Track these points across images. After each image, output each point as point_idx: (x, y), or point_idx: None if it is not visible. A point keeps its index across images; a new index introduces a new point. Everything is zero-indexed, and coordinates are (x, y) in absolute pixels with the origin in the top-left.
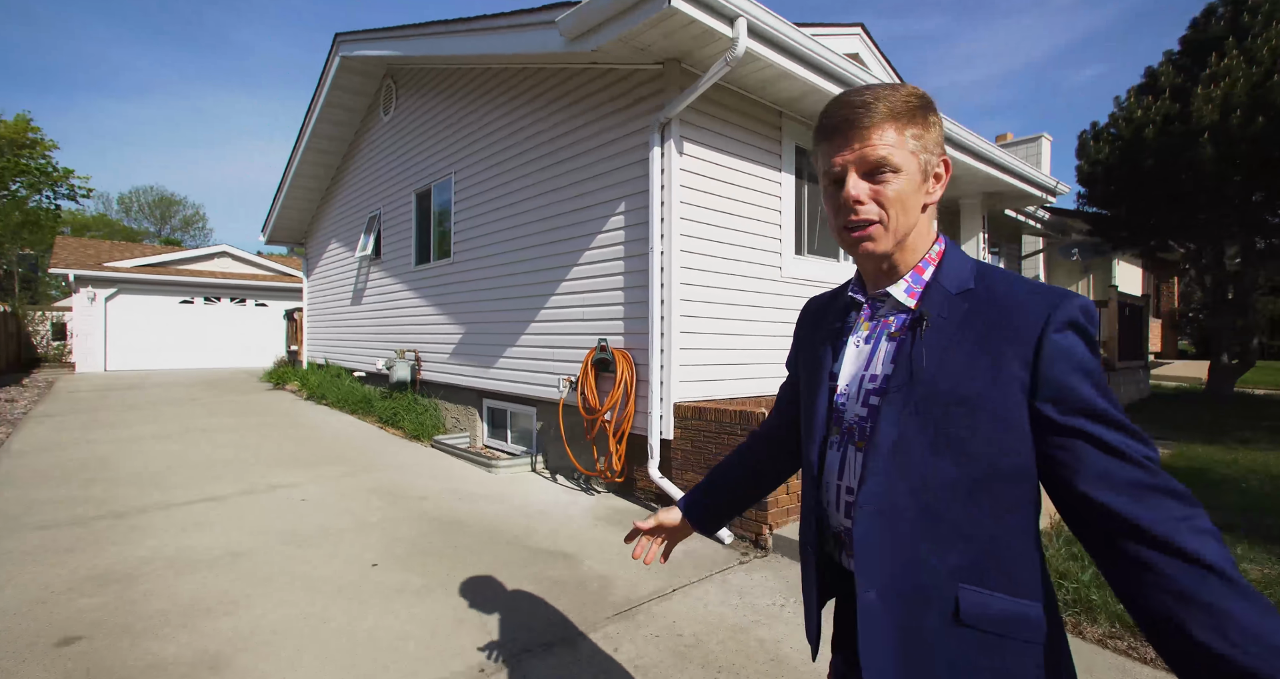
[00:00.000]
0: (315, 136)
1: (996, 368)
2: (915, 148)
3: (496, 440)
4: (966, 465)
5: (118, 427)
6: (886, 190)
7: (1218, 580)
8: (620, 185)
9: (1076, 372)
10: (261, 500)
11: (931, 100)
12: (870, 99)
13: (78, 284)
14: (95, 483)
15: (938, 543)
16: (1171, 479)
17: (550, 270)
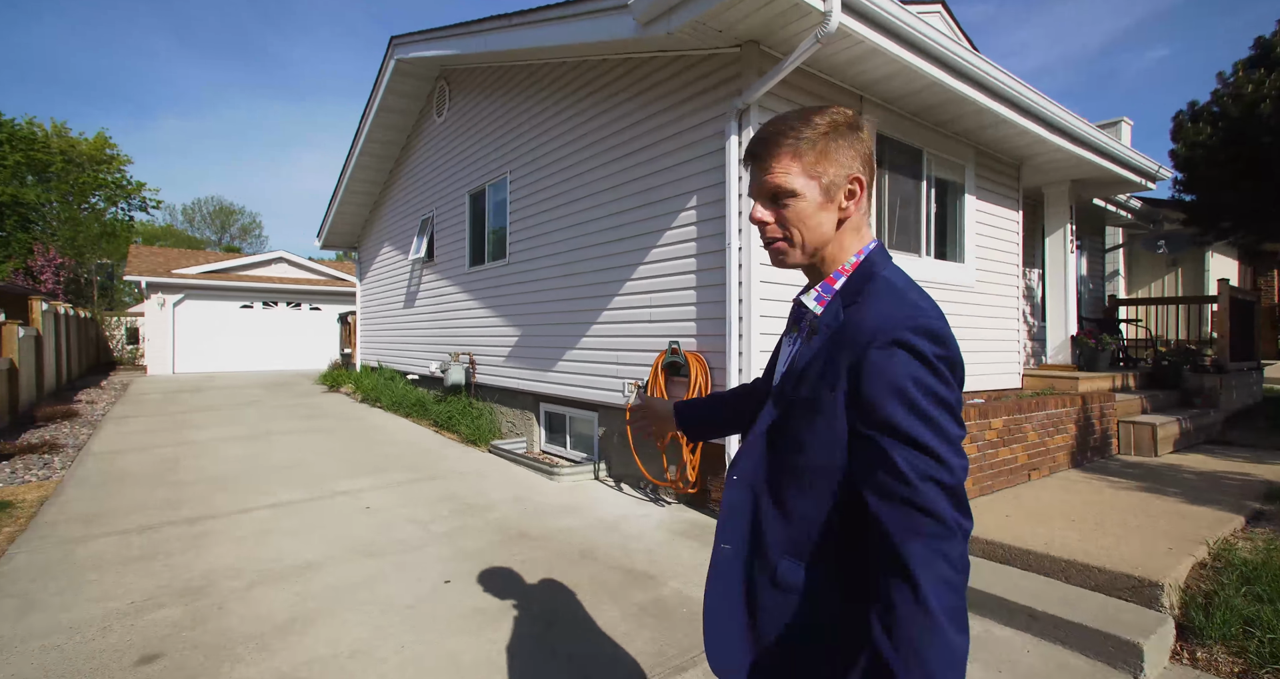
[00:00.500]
0: (369, 141)
1: (834, 378)
2: (810, 171)
3: (554, 446)
4: (803, 459)
5: (186, 428)
6: (787, 213)
7: (906, 593)
8: (692, 179)
9: (885, 388)
10: (326, 507)
11: (842, 123)
12: (773, 131)
13: (149, 290)
14: (167, 486)
15: (774, 519)
16: (938, 502)
17: (613, 270)
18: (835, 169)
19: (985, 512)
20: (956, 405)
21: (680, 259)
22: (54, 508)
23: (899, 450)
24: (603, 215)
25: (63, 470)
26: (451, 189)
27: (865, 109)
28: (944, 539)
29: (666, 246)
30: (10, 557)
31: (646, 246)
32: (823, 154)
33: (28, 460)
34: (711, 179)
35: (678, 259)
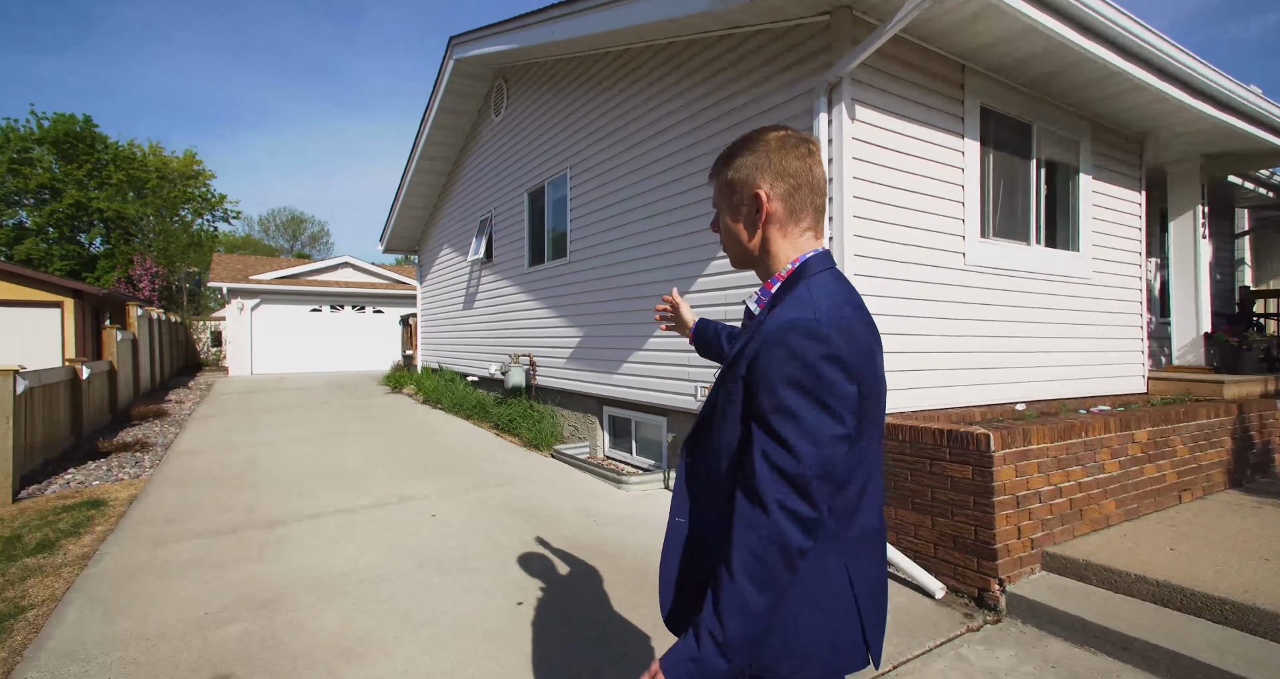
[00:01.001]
0: (429, 144)
1: (737, 374)
2: (725, 191)
3: (619, 451)
4: (720, 443)
5: (261, 429)
6: (721, 227)
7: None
8: None
9: (763, 381)
10: (393, 514)
11: (753, 144)
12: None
13: (229, 296)
14: (243, 487)
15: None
16: (769, 491)
17: (684, 266)
18: (742, 189)
19: (1140, 542)
20: (839, 401)
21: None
22: (141, 507)
23: (761, 441)
24: (671, 207)
25: (151, 469)
26: (509, 188)
27: (967, 80)
28: (758, 520)
29: (713, 278)
30: (100, 557)
31: (709, 258)
32: (731, 179)
33: (122, 458)
34: None
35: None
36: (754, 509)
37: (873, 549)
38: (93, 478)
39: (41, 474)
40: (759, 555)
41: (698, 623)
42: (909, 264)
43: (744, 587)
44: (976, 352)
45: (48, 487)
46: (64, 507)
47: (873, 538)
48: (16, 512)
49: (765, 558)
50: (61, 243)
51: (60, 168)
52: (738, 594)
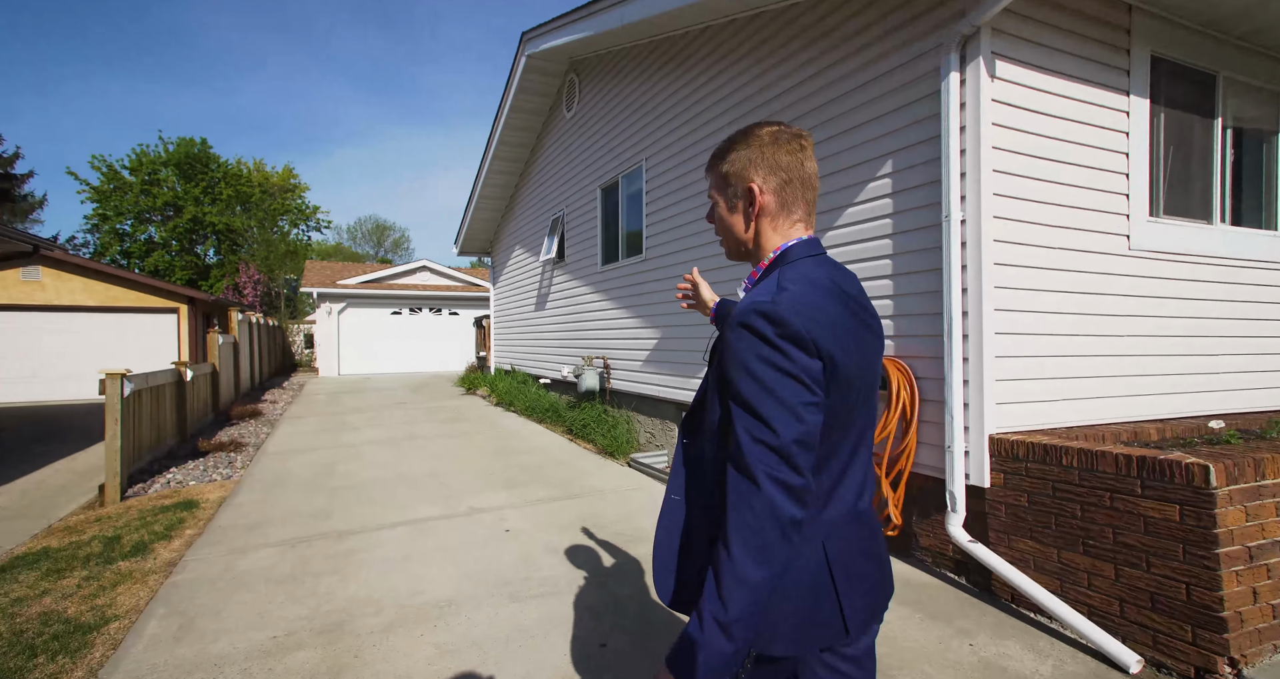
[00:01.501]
0: (501, 144)
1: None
2: (720, 184)
3: None
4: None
5: (344, 430)
6: (716, 219)
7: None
8: (884, 140)
9: (732, 361)
10: (466, 528)
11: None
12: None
13: (319, 300)
14: (322, 491)
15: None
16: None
17: None
18: (736, 182)
19: None
20: (803, 373)
21: (867, 241)
22: (228, 511)
23: (740, 418)
24: None
25: (242, 469)
26: (582, 185)
27: (1134, 23)
28: (750, 494)
29: (849, 227)
30: (184, 565)
31: (821, 229)
32: (726, 172)
33: (218, 458)
34: (916, 135)
35: (863, 242)
36: (745, 483)
37: (854, 531)
38: (190, 478)
39: (149, 472)
40: (755, 529)
41: (700, 607)
42: (1059, 250)
43: (743, 562)
44: (1146, 354)
45: (151, 485)
46: (161, 507)
47: (853, 520)
48: (122, 510)
49: (761, 531)
50: (182, 254)
51: (181, 186)
52: (738, 570)
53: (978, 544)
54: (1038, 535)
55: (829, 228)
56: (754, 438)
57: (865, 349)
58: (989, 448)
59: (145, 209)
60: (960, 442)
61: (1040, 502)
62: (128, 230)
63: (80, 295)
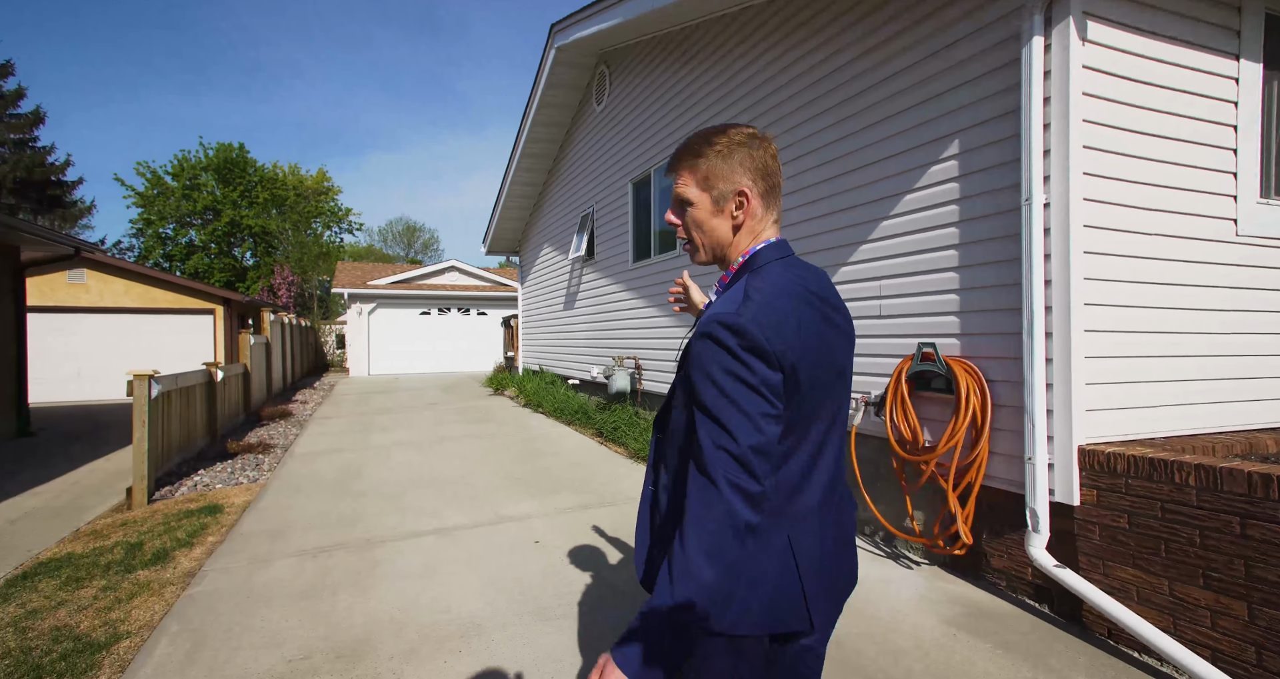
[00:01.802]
0: (529, 141)
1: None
2: (702, 184)
3: None
4: (676, 425)
5: (372, 431)
6: (687, 218)
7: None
8: (949, 118)
9: (697, 370)
10: (492, 538)
11: (737, 141)
12: (682, 149)
13: (350, 301)
14: (347, 496)
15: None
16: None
17: (818, 255)
18: (723, 184)
19: None
20: (762, 385)
21: (926, 231)
22: (251, 517)
23: (703, 423)
24: (800, 187)
25: (269, 471)
26: (613, 180)
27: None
28: (710, 496)
29: (900, 218)
30: (203, 576)
31: (872, 219)
32: (708, 173)
33: (245, 460)
34: (988, 111)
35: (920, 232)
36: (706, 484)
37: (820, 525)
38: (217, 480)
39: (177, 474)
40: (711, 529)
41: (650, 597)
42: (1157, 237)
43: (695, 558)
44: (1257, 354)
45: (179, 488)
46: (186, 512)
47: (816, 514)
48: (148, 513)
49: (717, 532)
50: (220, 257)
51: (220, 191)
52: (690, 565)
53: (1065, 569)
54: (1142, 563)
55: (880, 218)
56: (716, 444)
57: (832, 349)
58: (1078, 460)
59: (186, 213)
60: (1043, 453)
61: (1145, 524)
62: (170, 234)
63: (122, 297)
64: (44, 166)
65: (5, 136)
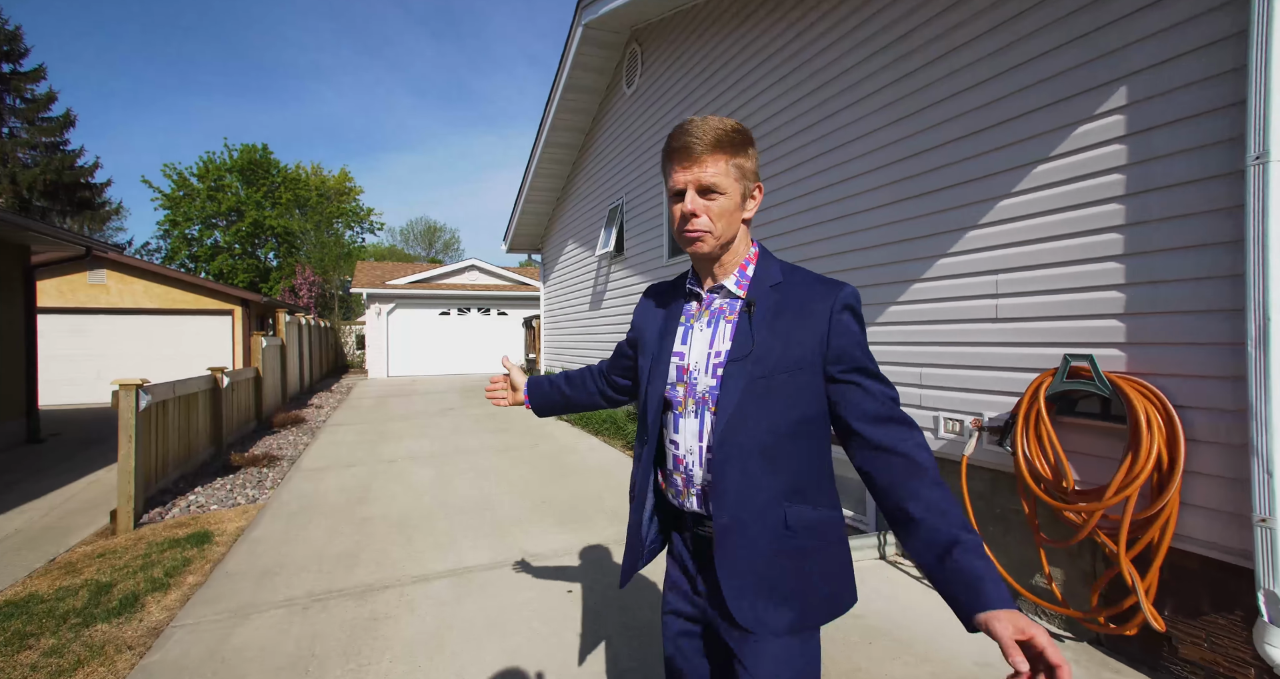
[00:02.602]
0: (553, 130)
1: (805, 340)
2: (737, 175)
3: None
4: (789, 413)
5: (386, 441)
6: (714, 207)
7: (920, 474)
8: (1114, 58)
9: (852, 341)
10: (517, 583)
11: (749, 136)
12: (704, 132)
13: (369, 301)
14: (351, 524)
15: (772, 475)
16: (902, 413)
17: (910, 244)
18: (750, 175)
19: None
20: None
21: (1076, 209)
22: (241, 550)
23: (869, 383)
24: (887, 160)
25: (271, 489)
26: (644, 168)
27: None
28: (919, 437)
29: (1035, 192)
30: (168, 637)
31: (983, 199)
32: (745, 159)
33: (248, 475)
34: (1189, 38)
35: (1067, 210)
36: (912, 429)
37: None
38: (213, 500)
39: (173, 491)
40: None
41: (948, 519)
42: None
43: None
44: None
45: (170, 509)
46: (172, 540)
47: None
48: (131, 541)
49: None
50: (244, 258)
51: (244, 191)
52: (951, 494)
53: None
54: None
55: (996, 197)
56: (892, 397)
57: None
58: None
59: (211, 214)
60: None
61: None
62: (195, 235)
63: (142, 298)
64: (73, 169)
65: (36, 140)
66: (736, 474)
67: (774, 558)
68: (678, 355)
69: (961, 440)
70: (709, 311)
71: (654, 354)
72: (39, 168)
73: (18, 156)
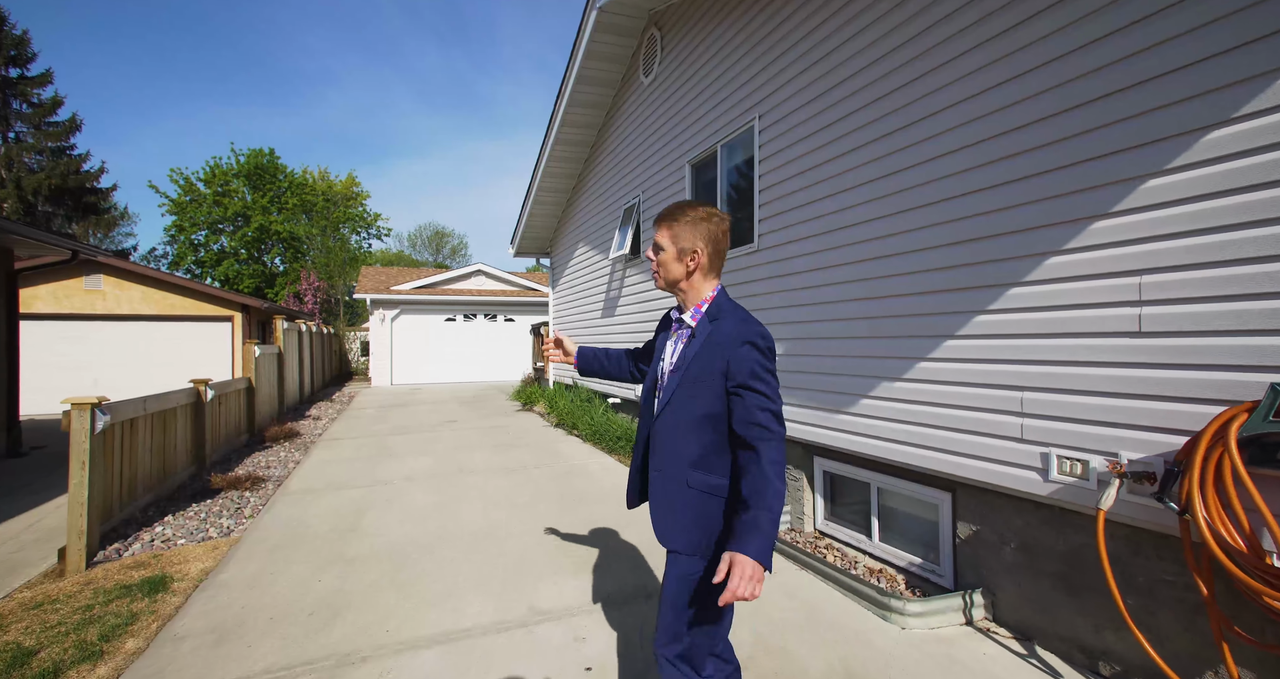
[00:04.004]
0: (564, 126)
1: (717, 361)
2: (675, 241)
3: (840, 525)
4: (701, 409)
5: (383, 458)
6: (659, 258)
7: (756, 462)
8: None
9: (745, 366)
10: (524, 652)
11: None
12: (662, 213)
13: (373, 306)
14: (334, 564)
15: (686, 446)
16: (774, 420)
17: (1001, 240)
18: (685, 243)
19: None
20: (775, 370)
21: (1266, 188)
22: (199, 601)
23: (751, 397)
24: (961, 144)
25: (250, 518)
26: (665, 163)
27: None
28: (775, 438)
29: (1201, 169)
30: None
31: (1117, 179)
32: (680, 232)
33: (226, 501)
34: None
35: (1253, 189)
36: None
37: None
38: (181, 533)
39: (138, 522)
40: (780, 460)
41: (756, 496)
42: None
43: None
44: None
45: (131, 544)
46: (122, 586)
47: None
48: (79, 585)
49: (781, 462)
50: (250, 263)
51: (250, 196)
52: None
53: None
54: None
55: (1138, 177)
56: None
57: None
58: None
59: (217, 219)
60: None
61: None
62: (202, 240)
63: (139, 304)
64: (79, 174)
65: (42, 144)
66: (666, 442)
67: (678, 500)
68: (661, 362)
69: (1083, 486)
70: (676, 334)
71: (655, 359)
72: (44, 172)
73: (23, 161)
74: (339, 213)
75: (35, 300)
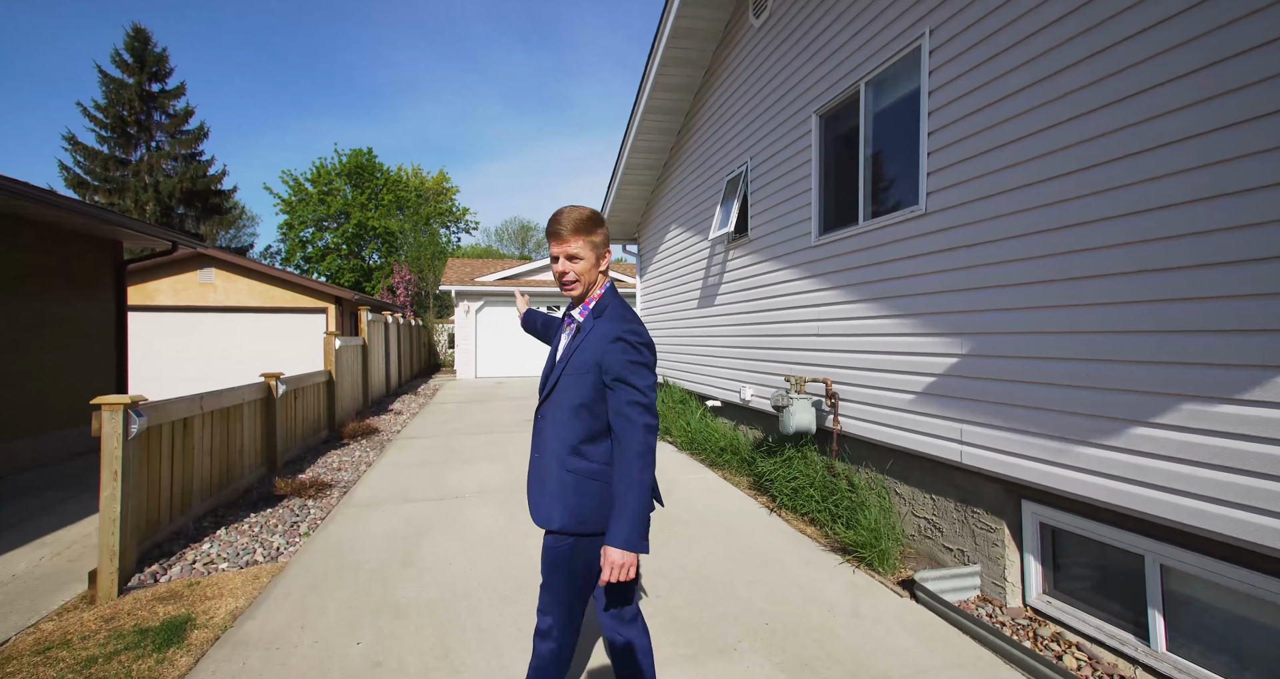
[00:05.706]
0: (655, 89)
1: (593, 357)
2: (594, 251)
3: (1086, 611)
4: (579, 398)
5: (453, 464)
6: (575, 267)
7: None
8: None
9: (617, 361)
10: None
11: (599, 219)
12: (574, 222)
13: (457, 298)
14: (378, 611)
15: (565, 434)
16: (641, 412)
17: (1153, 213)
18: (604, 250)
19: None
20: (651, 363)
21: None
22: (216, 659)
23: (624, 390)
24: (1123, 123)
25: (305, 534)
26: (781, 119)
27: None
28: (642, 429)
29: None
30: None
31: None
32: (599, 242)
33: (284, 512)
34: None
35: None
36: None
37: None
38: (226, 555)
39: (190, 534)
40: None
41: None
42: None
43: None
44: None
45: (172, 566)
46: (139, 630)
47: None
48: (101, 620)
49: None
50: (350, 258)
51: (351, 194)
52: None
53: None
54: None
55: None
56: (639, 403)
57: None
58: None
59: (322, 217)
60: None
61: None
62: (309, 237)
63: (244, 296)
64: (205, 177)
65: (176, 152)
66: (548, 427)
67: (554, 482)
68: (554, 353)
69: None
70: (568, 328)
71: (550, 350)
72: (176, 178)
73: (161, 167)
74: (430, 207)
75: (159, 293)
